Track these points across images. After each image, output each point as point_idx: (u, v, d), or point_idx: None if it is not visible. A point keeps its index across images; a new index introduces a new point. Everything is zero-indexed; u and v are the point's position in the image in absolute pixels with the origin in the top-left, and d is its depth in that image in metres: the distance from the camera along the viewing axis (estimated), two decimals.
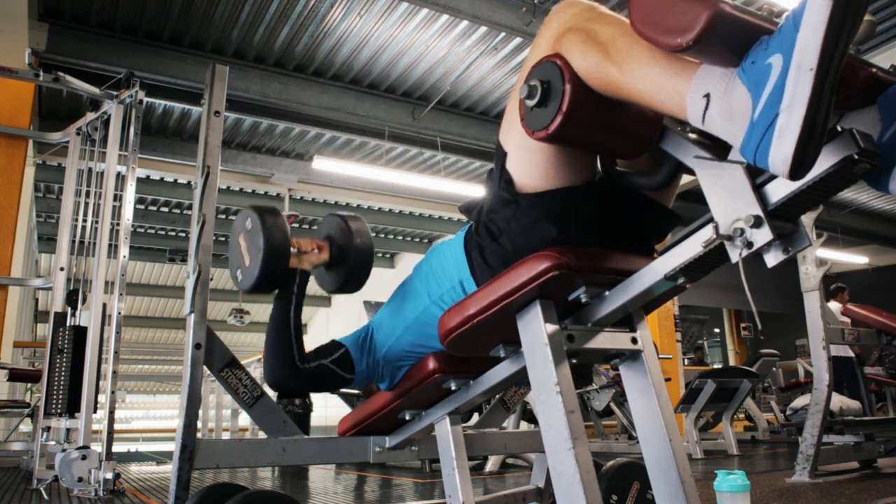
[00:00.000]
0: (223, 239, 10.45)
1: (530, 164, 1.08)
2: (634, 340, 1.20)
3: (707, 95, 0.82)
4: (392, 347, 1.48)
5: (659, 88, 0.86)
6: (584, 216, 1.12)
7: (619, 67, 0.89)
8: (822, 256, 3.43)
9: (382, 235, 10.78)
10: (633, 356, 1.21)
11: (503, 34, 5.20)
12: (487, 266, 1.22)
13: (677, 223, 1.22)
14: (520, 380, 1.33)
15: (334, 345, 1.53)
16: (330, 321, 13.95)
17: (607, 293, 1.10)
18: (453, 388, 1.41)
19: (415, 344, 1.44)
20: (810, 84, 0.71)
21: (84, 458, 2.79)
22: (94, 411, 3.09)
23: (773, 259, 0.90)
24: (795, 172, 0.74)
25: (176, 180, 7.97)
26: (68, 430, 3.22)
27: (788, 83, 0.73)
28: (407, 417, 1.56)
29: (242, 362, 1.67)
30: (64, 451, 2.82)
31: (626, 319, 1.21)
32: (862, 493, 2.65)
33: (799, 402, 4.36)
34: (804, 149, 0.73)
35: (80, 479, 2.77)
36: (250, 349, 16.38)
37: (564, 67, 0.95)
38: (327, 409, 6.61)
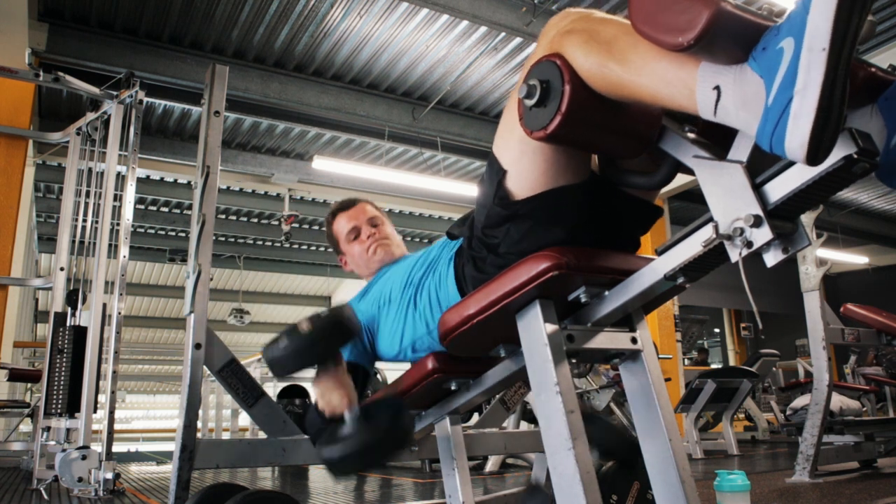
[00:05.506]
0: (223, 239, 10.45)
1: (529, 168, 1.08)
2: (634, 340, 1.20)
3: (717, 87, 0.82)
4: (393, 357, 1.52)
5: (665, 83, 0.86)
6: (581, 214, 1.12)
7: (623, 65, 0.89)
8: (822, 256, 3.43)
9: None
10: (633, 356, 1.21)
11: (503, 34, 5.20)
12: (484, 275, 1.22)
13: (659, 216, 1.24)
14: (519, 380, 1.33)
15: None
16: None
17: (607, 293, 1.10)
18: (453, 388, 1.41)
19: (415, 355, 1.48)
20: (823, 65, 0.70)
21: (84, 458, 2.79)
22: (94, 411, 3.09)
23: (772, 259, 0.90)
24: (813, 157, 0.73)
25: (176, 180, 7.97)
26: (68, 430, 3.22)
27: (801, 66, 0.72)
28: None
29: (242, 362, 1.67)
30: (64, 451, 2.82)
31: (626, 319, 1.21)
32: (862, 493, 2.64)
33: (799, 402, 4.36)
34: (821, 132, 0.71)
35: (80, 479, 2.77)
36: (250, 349, 16.37)
37: (564, 67, 0.95)
38: None
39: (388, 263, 1.70)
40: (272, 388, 6.33)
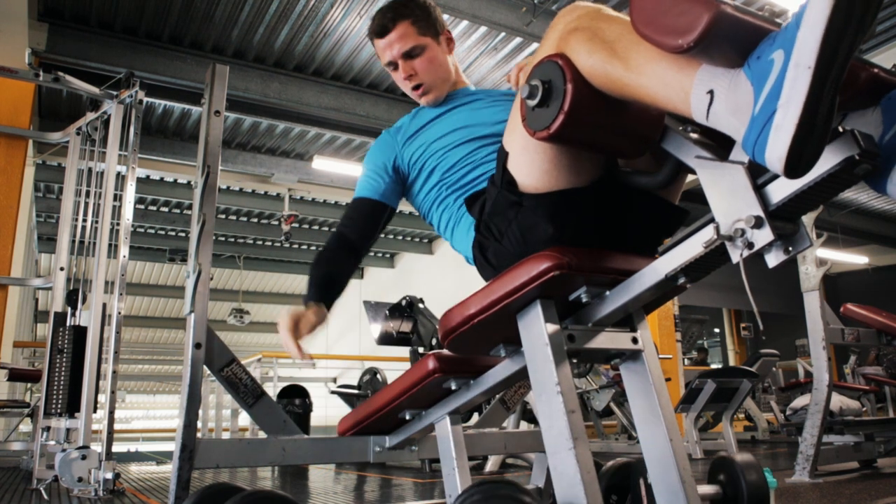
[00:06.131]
0: (223, 239, 10.46)
1: (533, 165, 1.08)
2: (635, 340, 1.20)
3: (710, 92, 0.82)
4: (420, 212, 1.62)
5: (663, 85, 0.86)
6: (587, 217, 1.12)
7: (626, 64, 0.89)
8: (823, 256, 3.43)
9: (382, 235, 10.79)
10: (634, 356, 1.21)
11: (503, 34, 5.20)
12: (488, 264, 1.23)
13: (685, 217, 1.21)
14: (520, 380, 1.33)
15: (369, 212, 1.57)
16: (330, 321, 13.96)
17: (608, 293, 1.10)
18: (453, 388, 1.41)
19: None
20: (808, 82, 0.71)
21: (84, 457, 2.79)
22: (94, 411, 3.09)
23: (773, 259, 0.90)
24: (791, 171, 0.73)
25: (176, 180, 7.97)
26: (68, 429, 3.22)
27: (787, 80, 0.73)
28: (407, 417, 1.56)
29: (242, 362, 1.67)
30: (64, 450, 2.82)
31: (627, 319, 1.21)
32: (862, 493, 2.65)
33: (799, 402, 4.36)
34: (801, 147, 0.72)
35: (80, 479, 2.77)
36: (250, 349, 16.38)
37: (566, 67, 0.95)
38: (327, 409, 6.61)
39: (439, 104, 1.63)
40: (272, 388, 6.33)
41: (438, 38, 1.62)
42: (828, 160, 0.80)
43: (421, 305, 4.46)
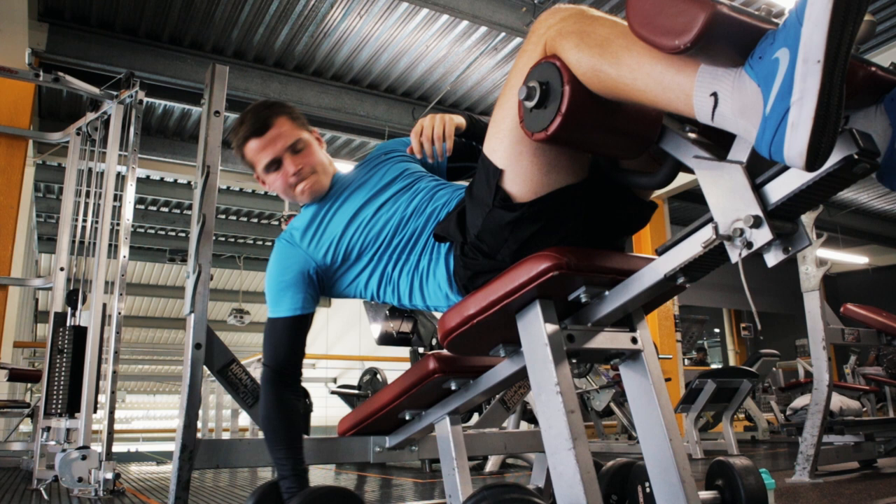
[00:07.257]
0: (223, 239, 10.45)
1: (530, 170, 1.07)
2: (634, 340, 1.20)
3: (714, 94, 0.82)
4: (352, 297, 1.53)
5: (663, 87, 0.86)
6: (580, 214, 1.12)
7: (618, 68, 0.89)
8: (822, 256, 3.43)
9: None
10: (633, 356, 1.21)
11: (503, 34, 5.20)
12: (480, 283, 1.22)
13: (653, 211, 1.23)
14: (519, 380, 1.33)
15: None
16: (330, 321, 13.96)
17: (607, 293, 1.10)
18: (453, 388, 1.41)
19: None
20: (819, 77, 0.72)
21: (84, 458, 2.79)
22: (94, 411, 3.09)
23: (773, 259, 0.90)
24: (811, 164, 0.74)
25: (176, 180, 7.97)
26: (68, 430, 3.22)
27: (797, 77, 0.73)
28: (407, 417, 1.56)
29: (242, 362, 1.67)
30: (64, 451, 2.82)
31: (626, 319, 1.21)
32: (862, 493, 2.64)
33: (799, 402, 4.36)
34: (818, 141, 0.73)
35: (80, 479, 2.77)
36: (250, 349, 16.38)
37: (563, 68, 0.95)
38: (327, 409, 6.61)
39: (319, 198, 1.53)
40: None
41: (312, 136, 1.58)
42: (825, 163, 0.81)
43: None
